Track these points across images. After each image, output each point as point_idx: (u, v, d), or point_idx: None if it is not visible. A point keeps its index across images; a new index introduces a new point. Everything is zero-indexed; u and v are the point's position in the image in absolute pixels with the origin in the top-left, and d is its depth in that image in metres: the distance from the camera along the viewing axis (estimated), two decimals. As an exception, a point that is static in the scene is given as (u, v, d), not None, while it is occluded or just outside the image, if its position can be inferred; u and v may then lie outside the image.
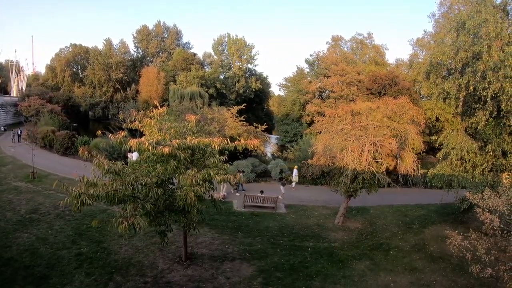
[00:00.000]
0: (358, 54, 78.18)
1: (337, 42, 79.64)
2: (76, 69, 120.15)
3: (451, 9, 56.47)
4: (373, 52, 77.30)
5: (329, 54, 76.34)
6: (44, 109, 72.09)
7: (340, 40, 79.84)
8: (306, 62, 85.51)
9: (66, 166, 40.95)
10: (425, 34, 69.18)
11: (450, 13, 55.50)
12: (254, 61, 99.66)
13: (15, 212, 26.02)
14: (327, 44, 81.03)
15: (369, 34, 78.14)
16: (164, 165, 14.64)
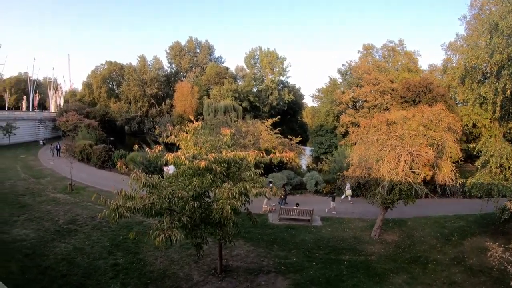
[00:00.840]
0: (390, 62, 76.79)
1: (368, 50, 78.63)
2: (111, 85, 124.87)
3: (482, 10, 54.68)
4: (405, 59, 75.70)
5: (361, 63, 75.35)
6: (82, 124, 74.84)
7: (372, 48, 78.78)
8: (338, 72, 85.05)
9: (103, 179, 41.96)
10: (458, 37, 66.84)
11: (482, 14, 53.85)
12: (286, 73, 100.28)
13: (54, 222, 26.64)
14: (358, 53, 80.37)
15: (400, 40, 76.72)
16: (201, 179, 14.68)
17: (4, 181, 39.62)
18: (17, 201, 31.83)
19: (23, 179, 41.48)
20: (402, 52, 76.46)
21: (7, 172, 44.98)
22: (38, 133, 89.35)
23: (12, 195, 33.91)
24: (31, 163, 53.01)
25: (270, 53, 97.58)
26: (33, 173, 45.21)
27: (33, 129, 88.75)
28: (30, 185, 38.08)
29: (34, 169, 47.92)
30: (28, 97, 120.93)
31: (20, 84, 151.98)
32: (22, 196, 33.63)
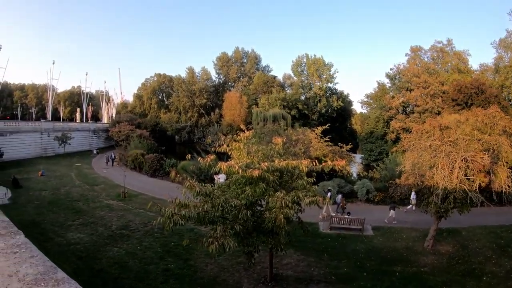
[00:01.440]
0: (439, 63, 74.28)
1: (416, 52, 76.34)
2: (161, 97, 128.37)
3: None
4: (455, 60, 72.90)
5: (410, 66, 73.51)
6: (134, 134, 77.30)
7: (419, 50, 76.36)
8: (386, 77, 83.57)
9: (154, 186, 43.13)
10: (508, 33, 64.15)
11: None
12: (333, 79, 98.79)
13: (107, 227, 27.49)
14: (406, 56, 78.39)
15: (448, 40, 74.08)
16: (253, 188, 14.71)
17: (60, 188, 41.41)
18: (72, 207, 33.17)
19: (78, 186, 43.17)
20: (451, 53, 73.77)
21: (63, 180, 46.98)
22: (91, 143, 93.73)
23: (67, 201, 35.39)
24: (86, 171, 55.27)
25: (316, 60, 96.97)
26: (87, 180, 47.01)
27: (87, 139, 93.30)
28: (85, 192, 39.58)
29: (89, 177, 49.89)
30: (82, 109, 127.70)
31: (74, 97, 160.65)
32: (77, 202, 35.01)
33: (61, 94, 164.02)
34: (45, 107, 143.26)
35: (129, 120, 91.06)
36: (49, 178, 48.15)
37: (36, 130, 76.66)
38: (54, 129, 79.75)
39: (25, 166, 56.50)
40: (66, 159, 67.99)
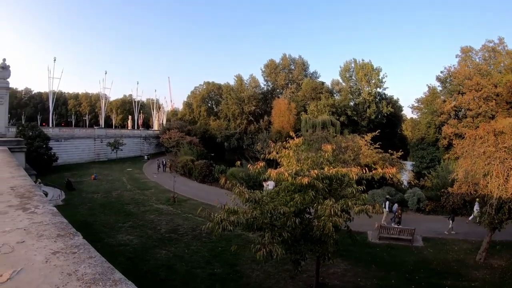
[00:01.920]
0: (491, 64, 69.93)
1: (467, 53, 72.28)
2: (210, 104, 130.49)
3: None
4: (508, 59, 68.19)
5: (461, 68, 69.88)
6: (184, 140, 79.44)
7: (470, 51, 72.13)
8: (437, 80, 79.34)
9: (203, 192, 43.77)
10: None
11: None
12: (383, 84, 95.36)
13: (156, 231, 28.12)
14: (457, 57, 74.34)
15: (500, 39, 69.46)
16: (302, 195, 14.65)
17: (111, 191, 42.81)
18: (123, 210, 34.23)
19: (129, 190, 44.47)
20: (503, 52, 69.09)
21: (115, 183, 48.58)
22: (142, 149, 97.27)
23: (118, 204, 36.53)
24: (137, 176, 57.04)
25: (365, 65, 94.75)
26: (138, 185, 48.38)
27: (138, 146, 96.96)
28: (135, 196, 40.76)
29: (139, 182, 51.41)
30: (133, 116, 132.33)
31: (126, 105, 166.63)
32: (128, 205, 36.09)
33: (113, 102, 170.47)
34: (98, 115, 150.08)
35: (179, 127, 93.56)
36: (101, 181, 49.96)
37: (89, 136, 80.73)
38: (106, 136, 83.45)
39: (79, 170, 59.01)
40: (118, 164, 70.30)
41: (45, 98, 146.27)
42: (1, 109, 54.06)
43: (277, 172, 15.01)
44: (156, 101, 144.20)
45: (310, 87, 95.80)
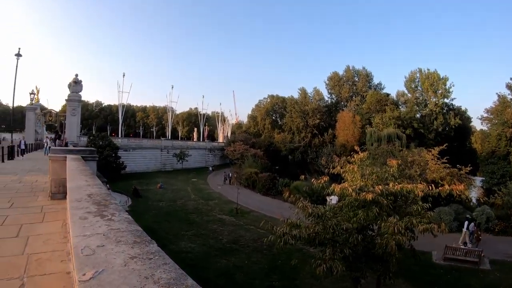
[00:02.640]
0: None
1: None
2: (275, 117, 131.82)
3: None
4: None
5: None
6: (248, 153, 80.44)
7: None
8: (507, 87, 73.85)
9: (266, 205, 43.93)
10: None
11: None
12: (450, 94, 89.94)
13: (217, 240, 28.67)
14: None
15: None
16: (366, 211, 14.51)
17: (176, 200, 44.15)
18: (187, 218, 35.17)
19: (193, 199, 45.67)
20: None
21: (179, 193, 50.07)
22: (207, 160, 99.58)
23: (182, 212, 37.57)
24: (201, 186, 58.59)
25: (430, 74, 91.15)
26: (202, 195, 49.62)
27: (203, 157, 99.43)
28: (199, 206, 41.83)
29: (203, 192, 52.75)
30: (199, 129, 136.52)
31: (191, 118, 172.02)
32: (191, 214, 37.07)
33: (179, 115, 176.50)
34: (165, 127, 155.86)
35: (244, 140, 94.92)
36: (167, 190, 51.68)
37: (156, 147, 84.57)
38: (173, 147, 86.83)
39: (145, 179, 61.40)
40: (183, 174, 72.28)
41: (114, 110, 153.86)
42: (74, 120, 58.13)
43: (341, 187, 14.97)
44: (221, 114, 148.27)
45: (375, 99, 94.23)
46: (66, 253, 6.13)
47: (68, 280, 4.98)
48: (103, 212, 3.69)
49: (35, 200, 11.97)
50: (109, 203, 4.21)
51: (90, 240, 2.77)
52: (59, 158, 12.29)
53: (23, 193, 13.66)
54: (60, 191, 11.70)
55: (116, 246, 2.55)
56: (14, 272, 5.38)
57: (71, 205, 4.03)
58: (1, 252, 6.44)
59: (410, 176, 34.93)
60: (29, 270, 5.49)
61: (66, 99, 60.31)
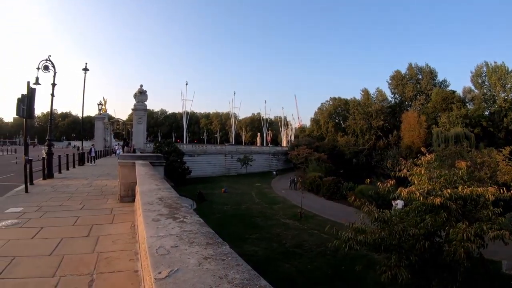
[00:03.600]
0: None
1: None
2: (338, 120, 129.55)
3: None
4: None
5: None
6: (312, 157, 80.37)
7: None
8: None
9: (330, 209, 43.56)
10: None
11: None
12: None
13: (281, 244, 28.83)
14: None
15: None
16: (433, 217, 13.98)
17: (240, 204, 44.81)
18: (251, 222, 35.62)
19: (257, 203, 46.21)
20: None
21: (243, 197, 50.84)
22: (271, 164, 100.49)
23: (246, 216, 38.12)
24: (265, 191, 59.31)
25: (498, 68, 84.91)
26: (266, 199, 50.24)
27: (267, 161, 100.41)
28: (263, 210, 42.32)
29: (268, 196, 53.47)
30: (262, 133, 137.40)
31: (254, 123, 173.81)
32: (255, 218, 37.54)
33: (242, 121, 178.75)
34: (228, 132, 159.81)
35: (307, 144, 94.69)
36: (231, 194, 52.66)
37: (220, 152, 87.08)
38: (237, 152, 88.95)
39: (210, 183, 62.91)
40: (247, 179, 73.31)
41: (179, 117, 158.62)
42: (140, 128, 61.13)
43: (408, 191, 14.59)
44: (284, 118, 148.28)
45: (440, 97, 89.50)
46: (134, 253, 6.57)
47: (135, 279, 5.37)
48: (175, 214, 3.89)
49: (105, 203, 12.75)
50: (180, 206, 4.43)
51: (164, 240, 2.94)
52: (128, 164, 13.04)
53: (94, 196, 14.58)
54: (129, 195, 12.37)
55: (190, 247, 2.72)
56: (84, 268, 5.91)
57: (143, 208, 4.28)
58: (73, 250, 7.07)
59: (480, 179, 33.25)
60: (99, 267, 5.99)
61: (133, 108, 64.47)
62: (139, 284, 5.08)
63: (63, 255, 6.69)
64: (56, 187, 18.14)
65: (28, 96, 16.57)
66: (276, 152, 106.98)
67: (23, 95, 16.43)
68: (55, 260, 6.40)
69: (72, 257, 6.55)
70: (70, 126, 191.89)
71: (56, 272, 5.74)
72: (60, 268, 5.92)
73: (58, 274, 5.68)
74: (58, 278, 5.53)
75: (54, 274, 5.69)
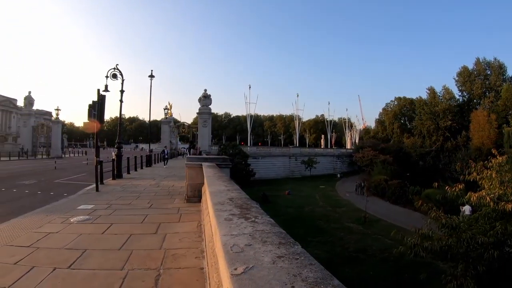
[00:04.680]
0: None
1: None
2: (403, 121, 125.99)
3: None
4: None
5: None
6: (377, 159, 78.24)
7: None
8: None
9: (395, 214, 42.32)
10: None
11: None
12: None
13: (344, 248, 28.58)
14: None
15: None
16: (504, 224, 13.09)
17: (304, 206, 44.83)
18: (314, 225, 35.53)
19: (321, 206, 46.08)
20: None
21: (307, 199, 50.81)
22: (335, 167, 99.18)
23: (310, 219, 38.17)
24: (329, 194, 58.91)
25: None
26: (330, 202, 49.91)
27: (331, 164, 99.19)
28: (327, 213, 42.11)
29: (332, 199, 53.10)
30: (326, 135, 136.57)
31: (318, 125, 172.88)
32: (319, 221, 37.41)
33: (306, 123, 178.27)
34: (292, 134, 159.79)
35: (372, 146, 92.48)
36: (295, 197, 52.78)
37: (284, 155, 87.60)
38: (301, 154, 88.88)
39: (274, 185, 63.42)
40: (311, 181, 73.14)
41: (242, 120, 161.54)
42: (205, 131, 63.04)
43: (478, 196, 13.95)
44: (348, 119, 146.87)
45: (511, 94, 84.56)
46: (200, 251, 6.89)
47: (201, 276, 5.64)
48: (246, 214, 4.04)
49: (172, 203, 13.32)
50: (251, 207, 4.59)
51: (238, 239, 3.06)
52: (195, 166, 13.54)
53: (161, 196, 15.28)
54: (196, 195, 12.85)
55: (263, 246, 2.85)
56: (151, 263, 6.32)
57: (215, 208, 4.47)
58: (141, 246, 7.57)
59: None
60: (166, 263, 6.38)
61: (198, 112, 67.00)
62: (205, 281, 5.34)
63: (131, 250, 7.21)
64: (125, 186, 19.20)
65: (98, 102, 17.80)
66: (340, 154, 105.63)
67: (94, 102, 17.77)
68: (124, 254, 6.93)
69: (140, 252, 7.03)
70: (137, 129, 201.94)
71: (124, 266, 6.23)
72: (128, 262, 6.41)
73: (126, 267, 6.16)
74: (126, 271, 5.99)
75: (123, 267, 6.18)
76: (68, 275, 5.94)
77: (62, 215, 11.25)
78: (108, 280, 5.67)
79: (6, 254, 7.19)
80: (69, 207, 12.88)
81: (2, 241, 8.23)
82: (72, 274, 5.98)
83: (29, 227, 9.60)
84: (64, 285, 5.61)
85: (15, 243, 8.09)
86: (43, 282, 5.69)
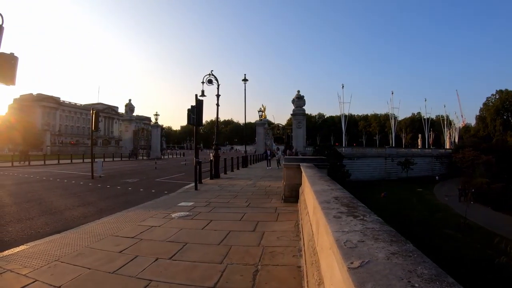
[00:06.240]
0: None
1: None
2: (506, 117, 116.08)
3: None
4: None
5: None
6: (478, 160, 72.22)
7: None
8: None
9: (498, 220, 39.52)
10: None
11: None
12: None
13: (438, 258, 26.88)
14: None
15: None
16: None
17: (400, 211, 43.58)
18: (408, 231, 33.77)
19: (417, 211, 44.38)
20: None
21: (403, 203, 49.31)
22: (434, 168, 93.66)
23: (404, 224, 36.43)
24: (426, 197, 56.45)
25: None
26: (427, 206, 48.04)
27: (429, 165, 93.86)
28: (423, 218, 40.67)
29: (429, 203, 50.86)
30: (423, 135, 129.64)
31: (415, 124, 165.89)
32: (414, 227, 36.00)
33: (401, 122, 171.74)
34: (388, 134, 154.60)
35: (473, 145, 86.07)
36: (390, 200, 51.36)
37: (380, 155, 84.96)
38: (397, 155, 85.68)
39: (369, 187, 62.14)
40: (407, 184, 70.57)
41: (336, 120, 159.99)
42: (300, 132, 63.59)
43: None
44: (446, 117, 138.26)
45: None
46: (297, 250, 7.31)
47: (298, 274, 5.98)
48: (354, 213, 4.15)
49: (269, 202, 13.84)
50: (357, 205, 4.71)
51: (350, 235, 3.22)
52: (292, 166, 13.95)
53: (258, 195, 15.91)
54: (293, 195, 13.22)
55: (375, 243, 2.97)
56: (250, 259, 6.81)
57: (322, 206, 4.61)
58: (239, 242, 8.15)
59: None
60: (263, 259, 6.80)
61: (292, 114, 68.54)
62: (302, 279, 5.55)
63: (230, 245, 7.82)
64: (222, 186, 20.28)
65: (196, 107, 18.95)
66: (439, 154, 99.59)
67: (192, 106, 19.36)
68: (223, 249, 7.55)
69: (239, 248, 7.61)
70: (232, 132, 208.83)
71: (223, 260, 6.81)
72: (227, 257, 6.99)
73: (225, 261, 6.72)
74: (225, 265, 6.54)
75: (222, 261, 6.75)
76: (169, 265, 6.62)
77: (163, 210, 12.38)
78: (208, 272, 6.15)
79: (112, 243, 8.18)
80: (170, 203, 13.97)
81: (108, 232, 9.35)
82: (173, 264, 6.65)
83: (133, 220, 10.74)
84: (165, 273, 6.17)
85: (120, 234, 9.14)
86: (146, 269, 6.36)
